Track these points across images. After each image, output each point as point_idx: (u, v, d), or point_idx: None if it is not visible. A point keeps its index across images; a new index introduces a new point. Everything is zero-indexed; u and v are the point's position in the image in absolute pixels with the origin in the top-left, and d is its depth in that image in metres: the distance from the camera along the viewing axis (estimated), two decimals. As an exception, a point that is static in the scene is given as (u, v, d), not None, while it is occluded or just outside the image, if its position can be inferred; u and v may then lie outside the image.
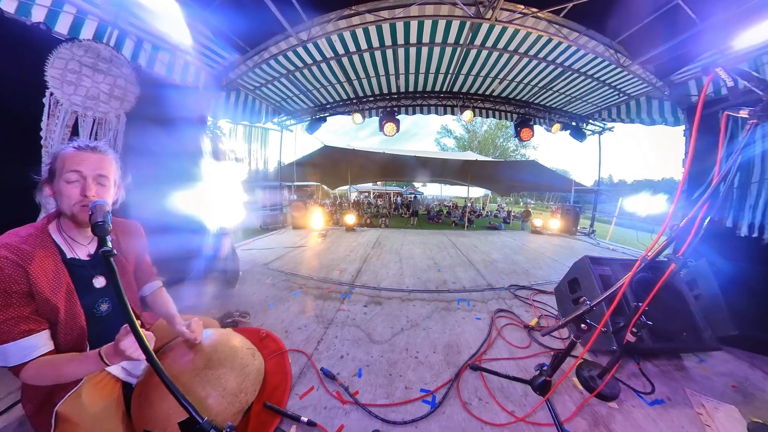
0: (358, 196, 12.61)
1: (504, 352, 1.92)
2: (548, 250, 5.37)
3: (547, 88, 5.35)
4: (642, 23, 3.09)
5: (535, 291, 3.01)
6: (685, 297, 1.91)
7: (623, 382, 1.63)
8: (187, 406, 0.66)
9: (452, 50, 4.21)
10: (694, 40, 3.01)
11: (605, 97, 5.30)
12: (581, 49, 3.63)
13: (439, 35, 3.81)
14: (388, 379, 1.60)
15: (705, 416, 1.46)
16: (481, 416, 1.37)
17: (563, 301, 2.29)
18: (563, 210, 7.54)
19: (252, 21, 2.96)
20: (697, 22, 2.81)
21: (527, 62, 4.45)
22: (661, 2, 2.77)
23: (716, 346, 1.79)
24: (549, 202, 10.89)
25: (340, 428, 1.27)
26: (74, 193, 0.85)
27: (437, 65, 4.72)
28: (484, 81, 5.31)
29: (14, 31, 1.63)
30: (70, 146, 0.89)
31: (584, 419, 1.39)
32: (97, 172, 0.89)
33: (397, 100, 5.99)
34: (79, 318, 0.91)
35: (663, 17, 2.93)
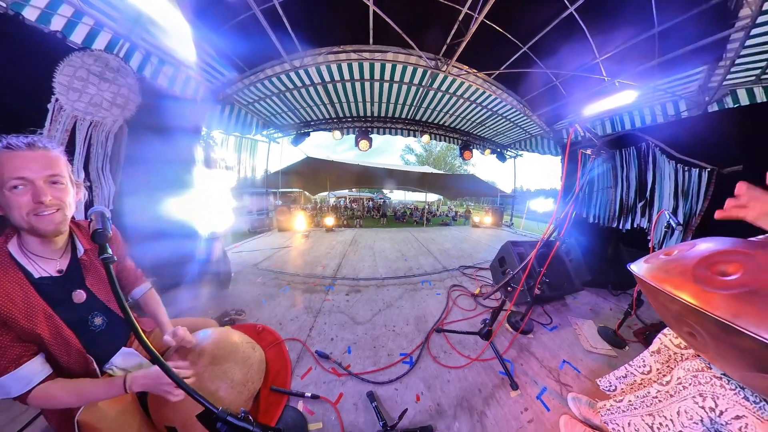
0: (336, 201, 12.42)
1: (459, 315, 2.10)
2: (484, 238, 5.92)
3: (481, 124, 6.10)
4: (538, 91, 4.02)
5: (477, 269, 3.30)
6: (564, 261, 2.36)
7: (535, 320, 2.00)
8: (201, 400, 0.59)
9: (416, 89, 4.54)
10: (565, 107, 4.20)
11: (518, 133, 6.35)
12: (503, 101, 4.34)
13: (407, 77, 4.11)
14: (373, 350, 1.63)
15: (578, 329, 1.94)
16: (447, 364, 1.52)
17: (495, 273, 2.55)
18: (493, 210, 8.58)
19: (253, 46, 2.87)
20: (566, 96, 3.89)
21: (469, 105, 5.04)
22: (548, 80, 3.68)
23: (581, 288, 2.35)
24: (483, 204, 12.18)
25: (340, 396, 1.28)
26: (24, 200, 0.63)
27: (404, 98, 5.02)
28: (439, 114, 5.79)
29: (32, 38, 1.41)
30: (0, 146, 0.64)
31: (514, 349, 1.69)
32: (47, 172, 0.66)
33: (370, 122, 6.12)
34: (71, 339, 0.73)
35: (548, 90, 3.93)
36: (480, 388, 1.36)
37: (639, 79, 3.06)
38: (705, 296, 0.54)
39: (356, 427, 1.13)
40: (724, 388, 0.70)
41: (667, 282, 0.61)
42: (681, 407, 0.76)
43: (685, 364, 0.83)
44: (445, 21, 2.74)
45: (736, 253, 0.57)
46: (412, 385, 1.36)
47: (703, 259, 0.60)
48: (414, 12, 2.64)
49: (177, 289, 2.10)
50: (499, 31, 2.87)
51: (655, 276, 0.65)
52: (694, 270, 0.59)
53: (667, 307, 0.65)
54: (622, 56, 2.89)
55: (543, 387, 1.37)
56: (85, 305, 0.80)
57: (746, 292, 0.51)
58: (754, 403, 0.65)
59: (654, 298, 0.69)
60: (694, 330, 0.62)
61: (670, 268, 0.64)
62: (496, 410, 1.24)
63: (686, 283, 0.58)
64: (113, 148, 1.82)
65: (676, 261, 0.65)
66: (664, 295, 0.61)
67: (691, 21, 2.29)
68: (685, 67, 2.80)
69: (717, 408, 0.70)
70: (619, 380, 1.15)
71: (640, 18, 2.40)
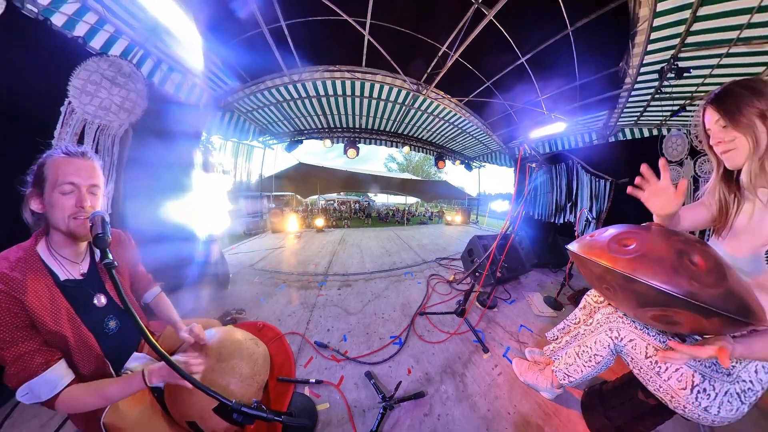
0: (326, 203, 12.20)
1: (437, 299, 2.19)
2: (455, 234, 6.25)
3: (453, 140, 6.53)
4: (497, 117, 4.55)
5: (451, 259, 3.46)
6: (518, 249, 2.68)
7: (498, 297, 2.21)
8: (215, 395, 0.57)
9: (399, 107, 4.75)
10: (516, 130, 4.84)
11: (481, 148, 6.95)
12: (471, 122, 4.79)
13: (393, 96, 4.30)
14: (366, 336, 1.65)
15: (529, 300, 2.21)
16: (431, 340, 1.60)
17: (466, 262, 2.79)
18: (462, 210, 9.17)
19: (257, 59, 2.82)
20: (518, 122, 4.49)
21: (443, 123, 5.37)
22: (504, 109, 4.22)
23: (530, 269, 2.72)
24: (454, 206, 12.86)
25: (341, 378, 1.29)
26: (69, 204, 0.63)
27: (389, 114, 5.20)
28: (418, 129, 6.06)
29: (55, 42, 1.31)
30: (59, 152, 0.64)
31: (483, 322, 1.85)
32: (90, 182, 0.66)
33: (358, 133, 6.18)
34: (90, 341, 0.70)
35: (505, 117, 4.50)
36: (459, 356, 1.46)
37: (567, 114, 3.74)
38: (615, 260, 0.69)
39: (359, 402, 1.16)
40: (625, 323, 0.88)
41: (592, 254, 0.75)
42: (597, 338, 0.94)
43: (602, 310, 1.04)
44: (427, 55, 3.01)
45: (632, 233, 0.74)
46: (403, 362, 1.42)
47: (613, 237, 0.75)
48: (402, 44, 2.84)
49: (179, 292, 1.98)
50: (470, 68, 3.24)
51: (584, 251, 0.78)
52: (608, 245, 0.74)
53: (592, 271, 0.78)
54: (556, 98, 3.56)
55: (507, 347, 1.55)
56: (105, 309, 0.76)
57: (639, 255, 0.66)
58: (641, 330, 0.84)
59: (583, 266, 0.83)
60: (608, 284, 0.75)
61: (594, 245, 0.78)
62: (473, 370, 1.36)
63: (604, 253, 0.73)
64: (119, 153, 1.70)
65: (597, 240, 0.79)
66: (591, 262, 0.75)
67: (598, 80, 2.99)
68: (595, 110, 3.55)
69: (619, 336, 0.88)
70: (559, 330, 1.37)
71: (568, 73, 3.05)
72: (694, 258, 0.62)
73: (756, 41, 1.89)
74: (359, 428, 1.05)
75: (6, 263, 0.59)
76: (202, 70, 2.46)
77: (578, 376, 1.00)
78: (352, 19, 2.46)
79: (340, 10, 2.36)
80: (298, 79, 3.42)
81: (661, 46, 2.19)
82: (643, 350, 0.82)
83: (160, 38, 2.01)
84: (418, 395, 1.17)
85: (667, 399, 0.78)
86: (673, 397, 0.76)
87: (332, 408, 1.14)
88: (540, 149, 5.02)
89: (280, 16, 2.34)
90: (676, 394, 0.75)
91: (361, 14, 2.46)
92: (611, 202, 3.19)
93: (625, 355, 0.87)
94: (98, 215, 0.61)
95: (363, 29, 2.59)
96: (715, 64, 2.20)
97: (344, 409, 1.13)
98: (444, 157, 7.13)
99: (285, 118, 5.20)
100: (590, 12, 2.17)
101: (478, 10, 2.22)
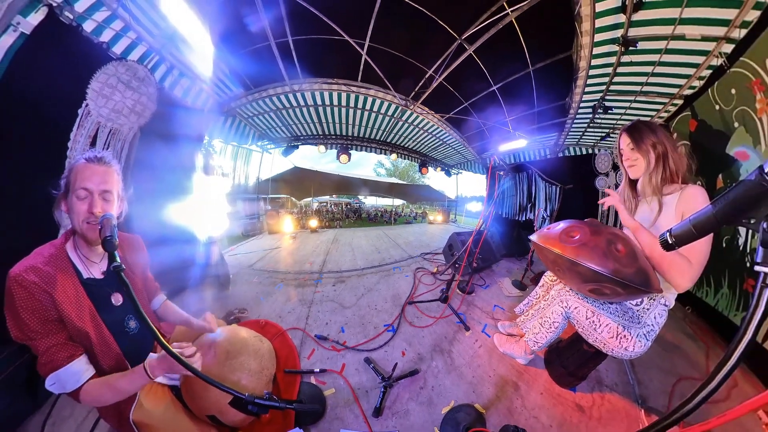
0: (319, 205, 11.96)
1: (424, 289, 2.22)
2: (437, 232, 6.31)
3: (435, 149, 6.83)
4: (472, 132, 5.01)
5: (434, 254, 3.49)
6: (490, 243, 2.91)
7: (475, 284, 2.28)
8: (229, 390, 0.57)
9: (389, 119, 4.92)
10: (488, 143, 5.35)
11: (459, 158, 7.39)
12: (450, 135, 5.15)
13: (383, 109, 4.44)
14: (362, 327, 1.65)
15: (500, 284, 2.39)
16: (420, 325, 1.65)
17: (447, 255, 2.85)
18: (442, 210, 9.63)
19: (262, 69, 2.82)
20: (489, 137, 5.01)
21: (426, 135, 5.62)
22: (478, 126, 4.66)
23: (500, 258, 2.98)
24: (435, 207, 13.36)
25: (343, 366, 1.30)
26: (83, 209, 0.62)
27: (379, 125, 5.34)
28: (405, 139, 6.27)
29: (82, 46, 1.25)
30: (82, 158, 0.65)
31: (464, 305, 1.92)
32: (102, 187, 0.64)
33: (350, 140, 6.20)
34: (109, 339, 0.68)
35: (479, 132, 4.98)
36: (445, 336, 1.53)
37: (528, 133, 4.32)
38: (563, 248, 0.81)
39: (362, 385, 1.20)
40: (571, 295, 1.03)
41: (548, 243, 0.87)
42: (553, 309, 1.08)
43: (555, 287, 1.21)
44: (415, 76, 3.25)
45: (576, 227, 0.87)
46: (397, 346, 1.46)
47: (563, 230, 0.88)
48: (395, 65, 3.04)
49: (183, 294, 1.89)
50: (451, 90, 3.56)
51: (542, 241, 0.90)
52: (559, 236, 0.86)
53: (547, 256, 0.90)
54: (520, 119, 4.11)
55: (485, 324, 1.65)
56: (122, 308, 0.73)
57: (581, 244, 0.79)
58: (582, 299, 1.00)
59: (541, 253, 0.95)
60: (559, 267, 0.88)
61: (549, 236, 0.90)
62: (458, 347, 1.44)
63: (556, 242, 0.84)
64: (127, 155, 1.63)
65: (551, 233, 0.91)
66: (547, 249, 0.86)
67: (551, 109, 3.58)
68: (549, 131, 4.23)
69: (568, 305, 1.03)
70: (524, 305, 1.56)
71: (529, 101, 3.53)
72: (618, 245, 0.79)
73: (651, 94, 2.61)
74: (365, 407, 1.09)
75: (41, 258, 0.60)
76: (210, 77, 2.40)
77: (544, 341, 1.14)
78: (353, 41, 2.58)
79: (343, 32, 2.48)
80: (299, 89, 3.44)
81: (594, 89, 2.80)
82: (584, 314, 0.98)
83: (175, 45, 1.96)
84: (413, 372, 1.22)
85: (601, 346, 0.95)
86: (605, 345, 0.94)
87: (338, 392, 1.16)
88: (507, 160, 5.58)
89: (288, 32, 2.40)
90: (607, 342, 0.93)
91: (361, 37, 2.60)
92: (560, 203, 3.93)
93: (573, 319, 1.04)
94: (106, 219, 0.59)
95: (361, 49, 2.73)
96: (628, 106, 2.92)
97: (349, 392, 1.16)
98: (427, 164, 7.41)
99: (283, 125, 5.12)
100: (546, 58, 2.69)
101: (461, 45, 2.55)
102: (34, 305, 0.55)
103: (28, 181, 1.07)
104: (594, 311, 0.97)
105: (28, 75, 1.08)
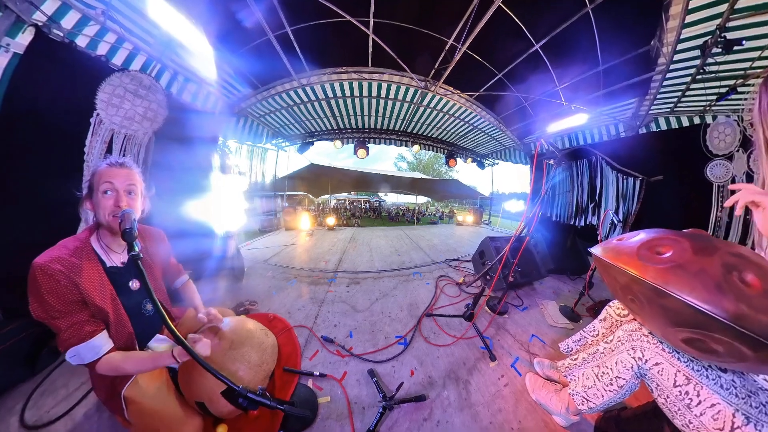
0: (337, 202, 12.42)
1: (446, 301, 2.12)
2: (466, 235, 6.06)
3: (464, 137, 6.28)
4: (510, 111, 4.24)
5: (461, 261, 3.36)
6: (533, 252, 2.51)
7: (509, 303, 2.09)
8: (224, 380, 0.61)
9: (408, 105, 4.67)
10: (533, 124, 4.47)
11: (494, 145, 6.56)
12: (482, 118, 4.53)
13: (401, 95, 4.23)
14: (372, 334, 1.64)
15: (543, 308, 2.06)
16: (436, 343, 1.55)
17: (476, 264, 2.68)
18: (474, 210, 8.89)
19: (266, 65, 2.91)
20: (533, 116, 4.16)
21: (453, 120, 5.18)
22: (519, 102, 3.92)
23: (546, 275, 2.51)
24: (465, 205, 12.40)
25: (344, 374, 1.29)
26: (109, 204, 0.75)
27: (397, 113, 5.13)
28: (428, 127, 5.92)
29: (81, 61, 1.45)
30: (104, 163, 0.79)
31: (492, 328, 1.76)
32: (126, 185, 0.78)
33: (368, 133, 6.17)
34: (125, 320, 0.81)
35: (520, 110, 4.17)
36: (464, 362, 1.41)
37: (589, 105, 3.33)
38: (645, 269, 0.62)
39: (360, 399, 1.16)
40: (650, 343, 0.78)
41: (619, 260, 0.68)
42: (618, 358, 0.84)
43: (624, 326, 0.91)
44: (433, 49, 2.87)
45: (668, 239, 0.66)
46: (407, 362, 1.40)
47: (645, 242, 0.67)
48: (407, 41, 2.75)
49: (198, 283, 2.02)
50: (479, 60, 3.04)
51: (609, 256, 0.71)
52: (638, 250, 0.66)
53: (617, 279, 0.71)
54: (576, 86, 3.16)
55: (516, 357, 1.45)
56: (140, 292, 0.87)
57: (675, 266, 0.59)
58: (669, 353, 0.74)
59: (607, 273, 0.76)
60: (634, 296, 0.68)
61: (621, 250, 0.70)
62: (478, 378, 1.29)
63: (632, 260, 0.66)
64: (144, 158, 1.86)
65: (625, 245, 0.71)
66: (616, 269, 0.67)
67: (625, 63, 2.56)
68: (622, 98, 3.07)
69: (644, 357, 0.78)
70: (575, 343, 1.25)
71: (589, 58, 2.66)
72: (745, 275, 0.52)
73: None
74: (357, 426, 1.04)
75: (66, 250, 0.72)
76: (215, 79, 2.59)
77: (599, 402, 0.89)
78: (355, 20, 2.43)
79: (342, 11, 2.33)
80: (307, 82, 3.48)
81: (704, 15, 1.78)
82: (672, 377, 0.71)
83: (174, 52, 2.16)
84: (418, 398, 1.15)
85: (699, 437, 0.66)
86: (706, 437, 0.65)
87: (333, 402, 1.15)
88: (559, 144, 4.64)
89: (285, 23, 2.37)
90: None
91: (363, 14, 2.42)
92: (642, 203, 2.69)
93: (650, 380, 0.76)
94: (127, 213, 0.70)
95: (366, 28, 2.55)
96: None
97: (344, 404, 1.14)
98: (455, 155, 6.91)
99: (296, 121, 5.34)
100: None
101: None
102: (59, 290, 0.67)
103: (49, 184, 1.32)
104: (690, 377, 0.69)
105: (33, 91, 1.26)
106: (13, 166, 1.26)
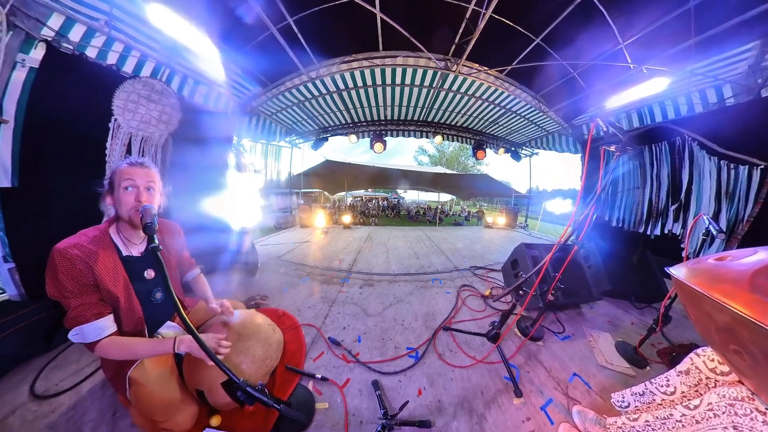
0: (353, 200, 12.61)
1: (467, 315, 2.00)
2: (496, 239, 5.61)
3: (495, 122, 5.73)
4: (554, 85, 3.57)
5: (488, 270, 3.14)
6: (582, 267, 2.14)
7: (546, 327, 1.83)
8: (227, 371, 0.65)
9: (427, 91, 4.41)
10: (585, 100, 3.65)
11: (533, 131, 5.80)
12: (517, 98, 3.98)
13: (418, 79, 4.00)
14: (382, 342, 1.61)
15: (593, 342, 1.73)
16: (452, 362, 1.45)
17: (507, 275, 2.44)
18: (507, 210, 8.04)
19: (273, 62, 2.99)
20: (586, 89, 3.39)
21: (481, 103, 4.75)
22: (565, 72, 3.25)
23: (599, 297, 2.10)
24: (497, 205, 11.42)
25: (347, 381, 1.28)
26: (130, 199, 0.84)
27: (416, 101, 4.90)
28: (450, 114, 5.56)
29: (93, 71, 1.64)
30: (125, 163, 0.87)
31: (521, 355, 1.57)
32: (146, 182, 0.87)
33: (384, 125, 6.08)
34: (135, 305, 0.90)
35: (566, 83, 3.45)
36: (482, 391, 1.28)
37: (671, 63, 2.47)
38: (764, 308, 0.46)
39: (359, 411, 1.14)
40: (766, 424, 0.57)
41: (717, 289, 0.52)
42: None
43: (721, 390, 0.69)
44: (452, 20, 2.57)
45: None
46: (415, 379, 1.33)
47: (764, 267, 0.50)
48: (420, 14, 2.52)
49: (213, 275, 2.29)
50: (509, 24, 2.61)
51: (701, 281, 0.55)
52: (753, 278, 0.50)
53: (713, 317, 0.55)
54: (650, 39, 2.35)
55: (549, 398, 1.25)
56: (153, 281, 0.96)
57: None
58: None
59: (696, 307, 0.59)
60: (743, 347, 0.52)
61: (722, 274, 0.54)
62: (496, 415, 1.16)
63: (741, 291, 0.50)
64: (161, 158, 2.03)
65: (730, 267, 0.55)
66: (712, 302, 0.52)
67: None
68: (731, 44, 2.13)
69: None
70: (635, 397, 1.01)
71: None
72: None
73: None
74: None
75: (85, 238, 0.82)
76: (224, 80, 2.74)
77: None
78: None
79: (343, -10, 2.24)
80: (316, 75, 3.49)
81: None
82: None
83: (181, 55, 2.34)
84: (423, 423, 1.07)
85: None
86: None
87: (330, 410, 1.14)
88: (623, 124, 3.66)
89: (285, 13, 2.36)
90: None
91: (367, -10, 2.29)
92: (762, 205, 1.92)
93: None
94: (147, 208, 0.78)
95: (372, 6, 2.40)
96: None
97: (342, 415, 1.12)
98: (484, 146, 6.38)
99: (309, 117, 5.47)
100: None
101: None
102: (74, 272, 0.76)
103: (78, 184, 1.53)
104: None
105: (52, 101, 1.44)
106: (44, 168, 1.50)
